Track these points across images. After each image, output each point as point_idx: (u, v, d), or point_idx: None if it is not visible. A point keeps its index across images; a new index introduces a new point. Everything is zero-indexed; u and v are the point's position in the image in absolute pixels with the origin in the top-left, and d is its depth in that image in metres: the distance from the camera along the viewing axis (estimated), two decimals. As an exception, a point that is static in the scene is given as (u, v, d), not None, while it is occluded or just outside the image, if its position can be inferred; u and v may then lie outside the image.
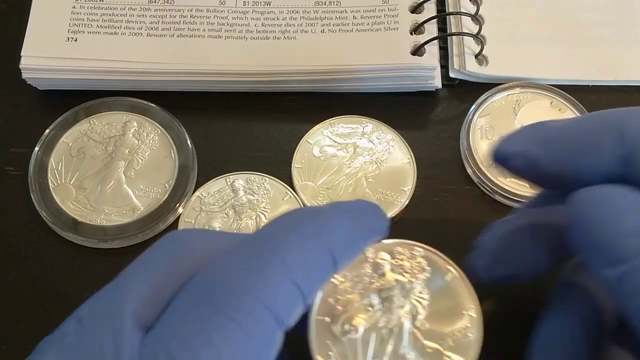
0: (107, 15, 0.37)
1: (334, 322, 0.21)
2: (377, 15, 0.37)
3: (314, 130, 0.36)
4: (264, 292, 0.18)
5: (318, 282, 0.20)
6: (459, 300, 0.22)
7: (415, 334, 0.21)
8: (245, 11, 0.38)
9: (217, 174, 0.35)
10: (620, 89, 0.38)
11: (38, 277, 0.33)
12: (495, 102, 0.36)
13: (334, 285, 0.21)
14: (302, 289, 0.19)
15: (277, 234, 0.20)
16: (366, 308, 0.21)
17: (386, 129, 0.36)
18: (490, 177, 0.34)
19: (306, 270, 0.19)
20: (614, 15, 0.39)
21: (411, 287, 0.22)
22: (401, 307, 0.22)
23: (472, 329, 0.22)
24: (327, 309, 0.21)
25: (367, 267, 0.22)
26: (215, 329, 0.17)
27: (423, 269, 0.22)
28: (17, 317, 0.32)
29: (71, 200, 0.34)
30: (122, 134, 0.35)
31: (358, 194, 0.34)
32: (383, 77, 0.36)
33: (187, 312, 0.18)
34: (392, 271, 0.22)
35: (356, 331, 0.21)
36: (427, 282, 0.22)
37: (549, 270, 0.24)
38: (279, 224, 0.20)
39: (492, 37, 0.38)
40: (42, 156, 0.35)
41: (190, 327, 0.17)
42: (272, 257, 0.19)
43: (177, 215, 0.34)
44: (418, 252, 0.23)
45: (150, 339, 0.17)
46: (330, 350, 0.20)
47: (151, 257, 0.20)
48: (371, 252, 0.22)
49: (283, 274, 0.18)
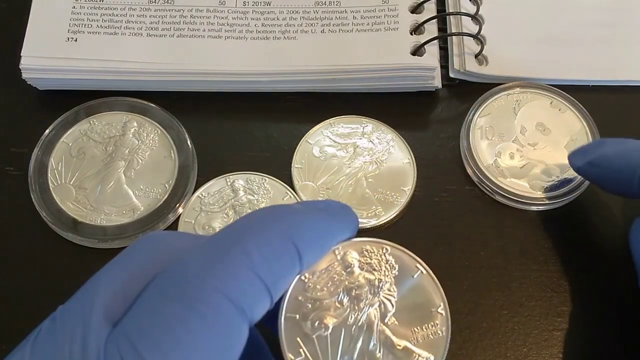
0: (107, 15, 0.37)
1: (304, 320, 0.21)
2: (377, 15, 0.37)
3: (314, 130, 0.36)
4: (223, 282, 0.18)
5: (282, 275, 0.20)
6: (427, 298, 0.22)
7: (385, 331, 0.22)
8: (245, 11, 0.38)
9: (217, 174, 0.35)
10: (621, 89, 0.38)
11: (38, 277, 0.33)
12: (495, 102, 0.36)
13: (303, 283, 0.21)
14: (266, 281, 0.19)
15: (241, 228, 0.20)
16: (335, 306, 0.22)
17: (386, 129, 0.36)
18: (490, 177, 0.34)
19: (268, 262, 0.19)
20: (614, 15, 0.39)
21: (380, 284, 0.22)
22: (370, 305, 0.22)
23: (440, 326, 0.22)
24: (296, 306, 0.21)
25: (336, 265, 0.22)
26: (175, 318, 0.17)
27: (392, 266, 0.23)
28: (17, 317, 0.32)
29: (71, 200, 0.34)
30: (122, 134, 0.35)
31: (358, 194, 0.34)
32: (383, 77, 0.36)
33: (149, 304, 0.18)
34: (361, 269, 0.22)
35: (326, 329, 0.21)
36: (396, 279, 0.22)
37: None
38: (245, 219, 0.20)
39: (492, 37, 0.38)
40: (42, 156, 0.35)
41: (151, 318, 0.18)
42: (233, 248, 0.19)
43: (177, 215, 0.34)
44: (387, 250, 0.23)
45: (115, 332, 0.18)
46: (301, 347, 0.21)
47: (125, 256, 0.20)
48: (340, 250, 0.22)
49: (244, 265, 0.18)
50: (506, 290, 0.32)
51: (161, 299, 0.18)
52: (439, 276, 0.32)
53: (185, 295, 0.18)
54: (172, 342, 0.17)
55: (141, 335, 0.17)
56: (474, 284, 0.32)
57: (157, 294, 0.18)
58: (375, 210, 0.34)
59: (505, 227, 0.34)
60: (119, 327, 0.18)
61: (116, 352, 0.17)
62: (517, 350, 0.31)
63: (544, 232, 0.34)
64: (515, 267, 0.33)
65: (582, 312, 0.32)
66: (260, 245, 0.19)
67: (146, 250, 0.20)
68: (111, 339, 0.17)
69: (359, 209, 0.33)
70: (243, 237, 0.19)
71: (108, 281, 0.19)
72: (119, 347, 0.17)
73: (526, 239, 0.34)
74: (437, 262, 0.33)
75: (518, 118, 0.36)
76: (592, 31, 0.38)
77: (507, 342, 0.31)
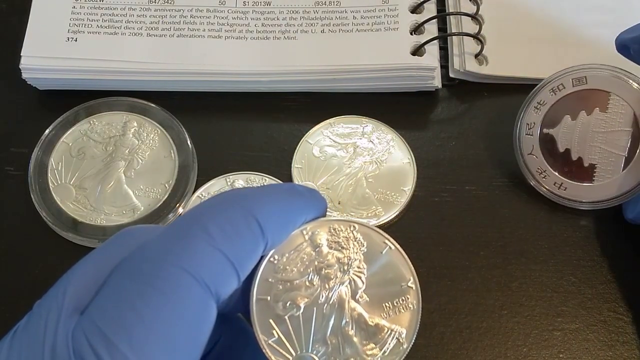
0: (107, 15, 0.37)
1: (275, 301, 0.21)
2: (377, 15, 0.37)
3: (314, 130, 0.36)
4: (184, 258, 0.18)
5: (246, 250, 0.20)
6: (397, 273, 0.22)
7: (356, 308, 0.22)
8: (245, 11, 0.38)
9: (217, 174, 0.35)
10: (620, 89, 0.38)
11: (38, 277, 0.33)
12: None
13: (273, 264, 0.22)
14: (230, 257, 0.19)
15: (201, 208, 0.20)
16: (306, 285, 0.22)
17: (386, 129, 0.36)
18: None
19: (230, 237, 0.19)
20: (613, 15, 0.39)
21: (349, 262, 0.22)
22: (341, 283, 0.22)
23: (411, 299, 0.22)
24: (267, 288, 0.21)
25: (305, 246, 0.22)
26: (134, 295, 0.18)
27: (360, 244, 0.23)
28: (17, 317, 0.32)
29: (71, 200, 0.34)
30: (122, 134, 0.35)
31: (358, 194, 0.34)
32: (383, 77, 0.36)
33: (111, 286, 0.18)
34: (330, 248, 0.22)
35: (298, 309, 0.21)
36: (365, 256, 0.23)
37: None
38: (207, 200, 0.21)
39: (492, 37, 0.38)
40: (42, 156, 0.35)
41: (113, 299, 0.18)
42: (193, 226, 0.19)
43: (177, 215, 0.34)
44: (354, 227, 0.23)
45: (81, 318, 0.18)
46: (273, 328, 0.21)
47: (98, 250, 0.20)
48: (308, 230, 0.22)
49: (205, 241, 0.19)
50: (506, 290, 0.32)
51: (121, 280, 0.18)
52: (439, 276, 0.33)
53: (144, 273, 0.18)
54: (134, 318, 0.17)
55: (104, 316, 0.17)
56: (474, 284, 0.32)
57: (118, 276, 0.19)
58: (375, 210, 0.34)
59: (506, 227, 0.34)
60: (85, 313, 0.18)
61: (82, 336, 0.17)
62: (517, 350, 0.31)
63: (547, 233, 0.34)
64: (515, 267, 0.33)
65: (583, 312, 0.32)
66: (220, 221, 0.19)
67: (117, 243, 0.20)
68: (77, 325, 0.18)
69: (359, 209, 0.34)
70: (202, 217, 0.19)
71: (79, 274, 0.19)
72: (85, 331, 0.17)
73: (526, 239, 0.34)
74: (437, 262, 0.33)
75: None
76: (592, 31, 0.38)
77: (507, 342, 0.31)
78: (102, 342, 0.17)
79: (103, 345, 0.17)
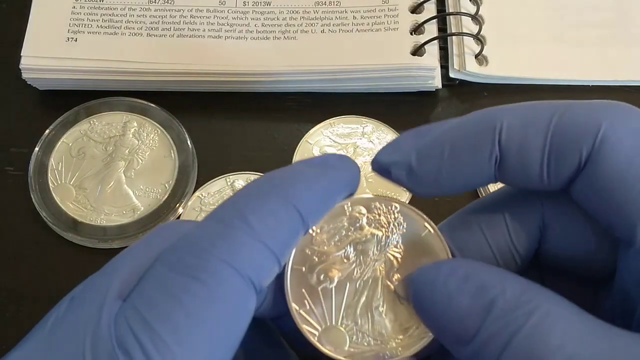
0: (107, 15, 0.37)
1: (310, 272, 0.21)
2: (377, 15, 0.37)
3: (314, 130, 0.36)
4: (226, 251, 0.18)
5: (287, 239, 0.20)
6: (433, 256, 0.22)
7: (389, 287, 0.22)
8: (245, 11, 0.38)
9: (217, 174, 0.35)
10: (621, 88, 0.38)
11: (38, 277, 0.33)
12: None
13: (310, 236, 0.22)
14: (271, 247, 0.19)
15: (240, 198, 0.20)
16: (342, 259, 0.22)
17: (386, 129, 0.36)
18: None
19: (271, 228, 0.19)
20: (614, 15, 0.39)
21: (387, 241, 0.22)
22: (376, 261, 0.22)
23: None
24: (303, 259, 0.21)
25: (344, 220, 0.22)
26: (181, 289, 0.18)
27: (399, 224, 0.23)
28: (17, 317, 0.32)
29: (71, 200, 0.34)
30: (122, 134, 0.35)
31: (358, 194, 0.34)
32: (383, 77, 0.36)
33: (155, 277, 0.18)
34: (369, 225, 0.22)
35: (331, 281, 0.21)
36: (403, 237, 0.22)
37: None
38: (244, 189, 0.21)
39: (492, 37, 0.38)
40: (42, 156, 0.35)
41: (158, 289, 0.18)
42: (234, 218, 0.19)
43: (177, 215, 0.34)
44: (395, 207, 0.23)
45: (124, 305, 0.18)
46: (305, 298, 0.21)
47: (142, 241, 0.20)
48: (349, 206, 0.22)
49: (246, 233, 0.19)
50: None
51: (165, 271, 0.18)
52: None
53: (188, 265, 0.18)
54: (178, 309, 0.17)
55: (148, 305, 0.17)
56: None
57: (161, 267, 0.19)
58: (375, 210, 0.34)
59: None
60: (127, 300, 0.18)
61: (124, 323, 0.17)
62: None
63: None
64: (515, 267, 0.33)
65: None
66: (261, 213, 0.19)
67: (159, 235, 0.21)
68: (120, 312, 0.18)
69: (359, 209, 0.34)
70: (243, 208, 0.19)
71: (123, 265, 0.19)
72: (128, 318, 0.17)
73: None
74: (437, 262, 0.33)
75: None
76: (592, 31, 0.38)
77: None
78: (146, 330, 0.17)
79: (146, 334, 0.17)
